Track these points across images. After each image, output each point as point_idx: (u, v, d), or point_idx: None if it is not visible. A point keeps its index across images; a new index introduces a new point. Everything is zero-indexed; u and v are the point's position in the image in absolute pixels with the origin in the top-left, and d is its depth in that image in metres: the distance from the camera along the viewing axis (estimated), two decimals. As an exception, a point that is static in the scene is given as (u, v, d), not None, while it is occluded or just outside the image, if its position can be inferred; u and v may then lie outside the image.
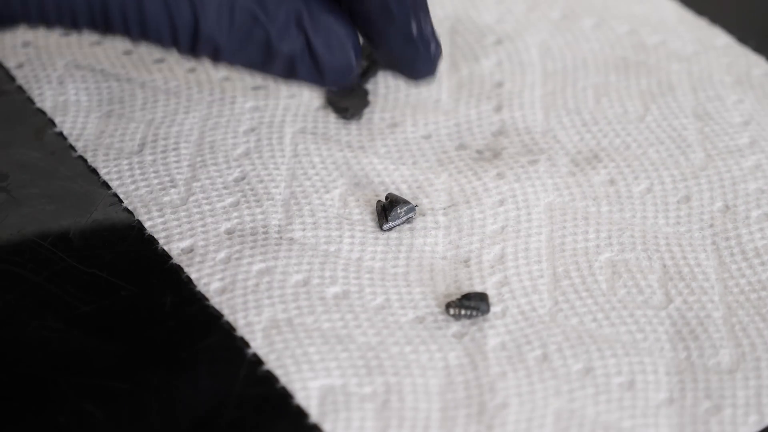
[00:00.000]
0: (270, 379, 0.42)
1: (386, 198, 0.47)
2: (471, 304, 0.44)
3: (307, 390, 0.41)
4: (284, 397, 0.41)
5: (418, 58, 0.44)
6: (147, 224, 0.46)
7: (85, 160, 0.48)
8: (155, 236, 0.46)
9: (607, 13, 0.57)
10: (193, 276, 0.45)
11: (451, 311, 0.44)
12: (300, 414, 0.41)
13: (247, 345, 0.43)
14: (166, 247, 0.45)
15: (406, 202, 0.47)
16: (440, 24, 0.56)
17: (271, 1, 0.41)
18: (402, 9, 0.42)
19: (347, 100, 0.51)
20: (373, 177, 0.49)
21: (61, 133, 0.49)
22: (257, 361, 0.42)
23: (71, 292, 0.44)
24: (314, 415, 0.41)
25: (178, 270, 0.45)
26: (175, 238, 0.46)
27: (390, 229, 0.46)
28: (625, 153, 0.50)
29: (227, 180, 0.48)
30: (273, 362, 0.42)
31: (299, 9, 0.42)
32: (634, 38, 0.56)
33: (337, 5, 0.43)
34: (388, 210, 0.46)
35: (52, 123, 0.50)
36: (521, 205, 0.48)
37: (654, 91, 0.53)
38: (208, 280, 0.44)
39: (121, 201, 0.47)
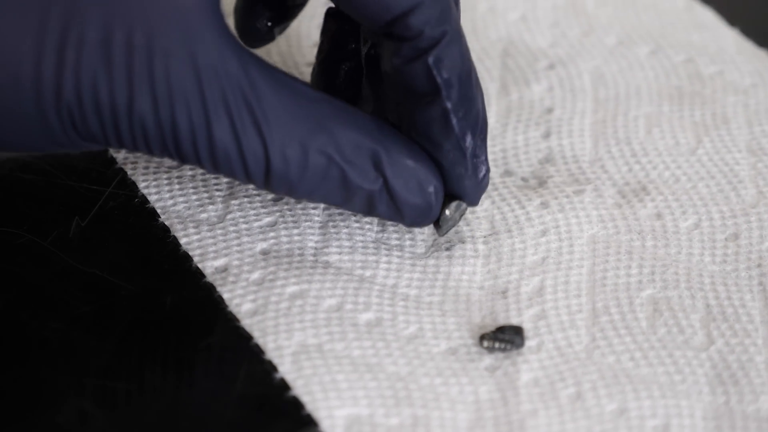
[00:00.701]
0: (270, 378, 0.42)
1: None
2: (505, 337, 0.43)
3: (332, 419, 0.41)
4: (284, 396, 0.41)
5: (465, 178, 0.43)
6: (182, 241, 0.46)
7: (88, 162, 0.48)
8: (190, 253, 0.45)
9: (665, 41, 0.56)
10: (225, 296, 0.44)
11: (485, 344, 0.43)
12: (299, 406, 0.41)
13: (275, 369, 0.42)
14: (200, 265, 0.45)
15: (452, 198, 0.44)
16: (493, 46, 0.55)
17: (348, 145, 0.41)
18: (462, 126, 0.42)
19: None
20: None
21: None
22: (284, 386, 0.42)
23: (71, 292, 0.44)
24: (338, 445, 0.40)
25: (178, 269, 0.44)
26: (210, 256, 0.45)
27: (446, 232, 0.45)
28: (674, 186, 0.49)
29: (265, 199, 0.47)
30: (300, 388, 0.41)
31: (377, 151, 0.42)
32: (690, 68, 0.54)
33: (415, 143, 0.43)
34: (440, 215, 0.44)
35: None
36: (564, 236, 0.47)
37: (708, 124, 0.52)
38: (240, 301, 0.44)
39: (158, 216, 0.47)
